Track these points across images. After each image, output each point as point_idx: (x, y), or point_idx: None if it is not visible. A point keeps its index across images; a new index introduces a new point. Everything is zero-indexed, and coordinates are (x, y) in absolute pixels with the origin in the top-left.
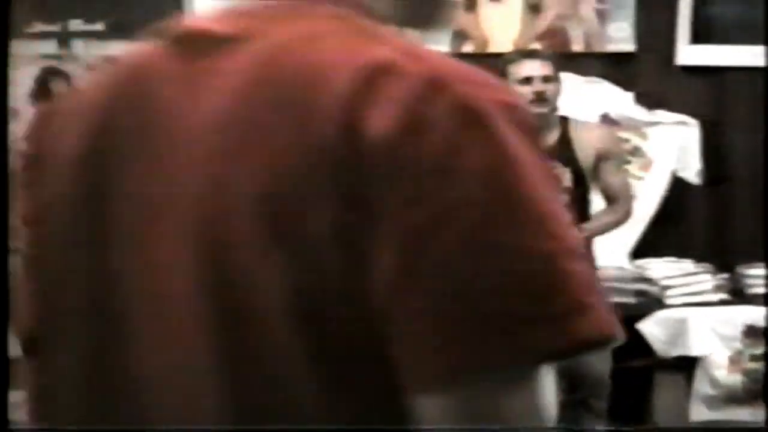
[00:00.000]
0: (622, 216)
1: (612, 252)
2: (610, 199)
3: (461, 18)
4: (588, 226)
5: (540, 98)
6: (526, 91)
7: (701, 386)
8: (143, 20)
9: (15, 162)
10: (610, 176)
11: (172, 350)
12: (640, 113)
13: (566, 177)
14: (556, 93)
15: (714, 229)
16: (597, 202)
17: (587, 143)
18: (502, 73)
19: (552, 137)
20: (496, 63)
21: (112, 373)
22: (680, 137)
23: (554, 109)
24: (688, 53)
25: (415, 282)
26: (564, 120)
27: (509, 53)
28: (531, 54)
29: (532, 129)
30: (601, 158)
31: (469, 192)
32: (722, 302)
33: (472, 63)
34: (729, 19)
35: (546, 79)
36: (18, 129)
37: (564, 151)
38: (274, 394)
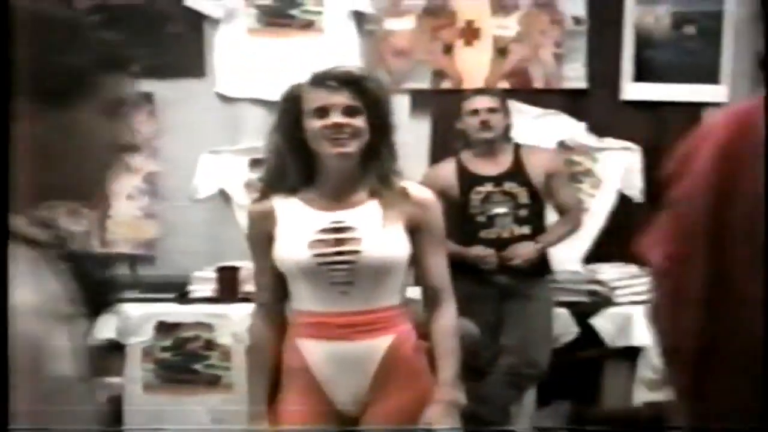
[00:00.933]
0: (573, 225)
1: (568, 258)
2: (561, 211)
3: (440, 60)
4: (544, 237)
5: (484, 126)
6: (474, 120)
7: (644, 371)
8: (170, 63)
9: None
10: (560, 192)
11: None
12: (591, 140)
13: (523, 195)
14: (502, 123)
15: None
16: (551, 216)
17: (537, 165)
18: (460, 107)
19: (505, 161)
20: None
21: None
22: (625, 161)
23: (501, 136)
24: (632, 90)
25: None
26: (517, 146)
27: (465, 91)
28: (479, 91)
29: None
30: (550, 177)
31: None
32: None
33: (448, 98)
34: (666, 61)
35: (491, 111)
36: None
37: (518, 173)
38: None
